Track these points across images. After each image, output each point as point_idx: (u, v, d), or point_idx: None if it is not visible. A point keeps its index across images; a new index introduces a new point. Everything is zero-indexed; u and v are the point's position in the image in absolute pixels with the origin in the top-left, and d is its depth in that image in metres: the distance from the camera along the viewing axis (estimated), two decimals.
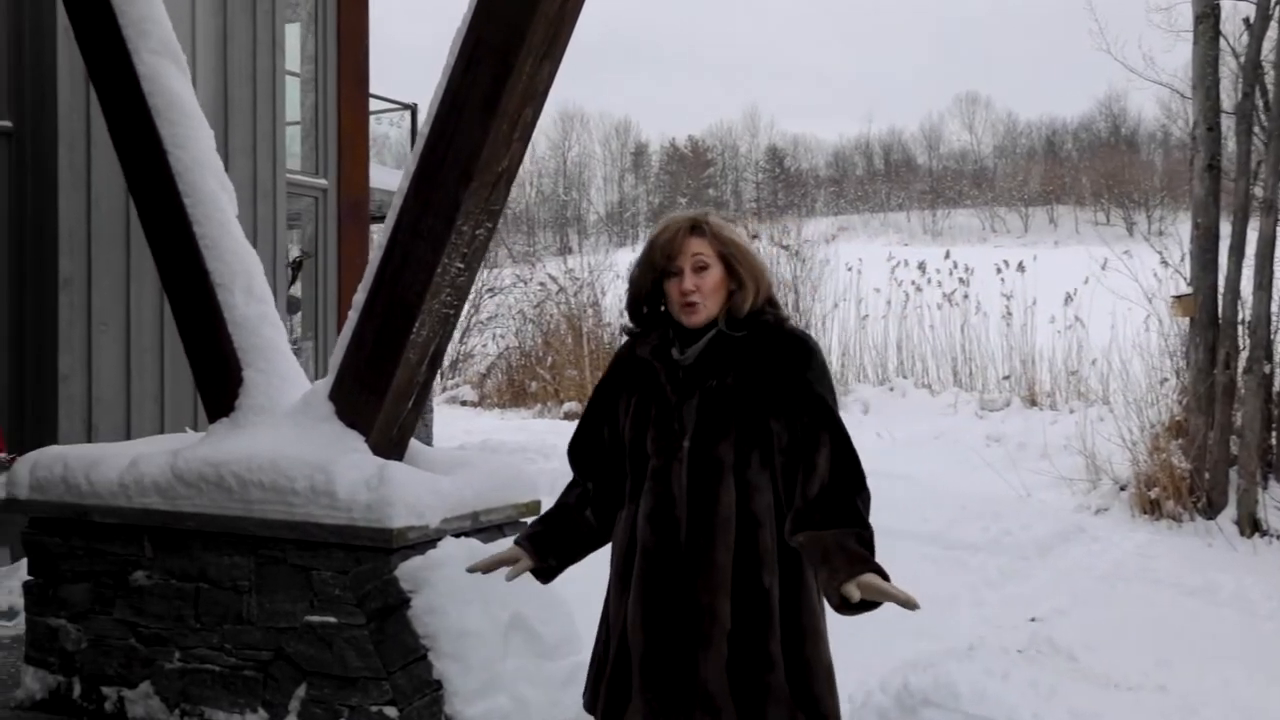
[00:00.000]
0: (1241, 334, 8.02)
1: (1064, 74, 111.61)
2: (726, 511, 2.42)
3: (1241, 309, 8.06)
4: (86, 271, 7.42)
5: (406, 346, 3.75)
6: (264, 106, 8.73)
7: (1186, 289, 8.43)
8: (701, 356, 2.49)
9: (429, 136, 3.65)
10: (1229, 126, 8.34)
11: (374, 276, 3.83)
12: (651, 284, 2.54)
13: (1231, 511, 7.77)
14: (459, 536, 3.78)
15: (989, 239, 56.66)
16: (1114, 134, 72.82)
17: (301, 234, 10.14)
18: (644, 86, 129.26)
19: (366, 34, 10.41)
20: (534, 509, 4.13)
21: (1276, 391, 7.97)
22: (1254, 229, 8.00)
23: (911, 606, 2.21)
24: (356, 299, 3.89)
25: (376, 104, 12.14)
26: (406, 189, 3.72)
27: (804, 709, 2.40)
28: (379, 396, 3.81)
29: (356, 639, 3.59)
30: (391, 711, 3.54)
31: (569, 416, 16.04)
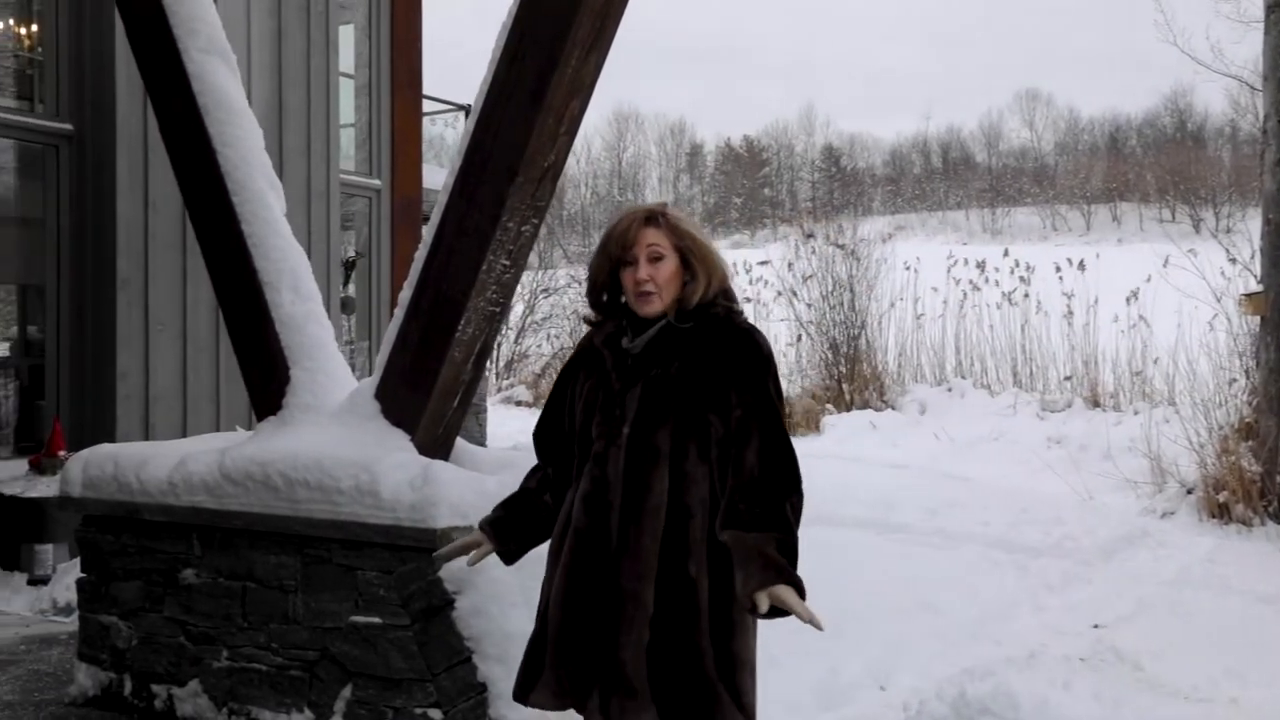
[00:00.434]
0: None
1: (1128, 68, 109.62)
2: (657, 500, 2.45)
3: None
4: (144, 272, 7.51)
5: (452, 344, 3.71)
6: (318, 108, 8.78)
7: (1256, 286, 8.19)
8: (649, 346, 2.54)
9: (474, 132, 3.60)
10: None
11: (419, 274, 3.80)
12: (608, 273, 2.59)
13: None
14: None
15: (1050, 237, 55.78)
16: (1180, 129, 71.34)
17: (356, 235, 10.19)
18: (699, 87, 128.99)
19: (420, 35, 10.45)
20: None
21: None
22: None
23: (816, 626, 2.27)
24: (402, 297, 3.86)
25: (431, 105, 12.20)
26: (452, 185, 3.67)
27: (733, 698, 2.41)
28: (424, 395, 3.77)
29: (401, 640, 3.55)
30: (436, 714, 3.50)
31: None
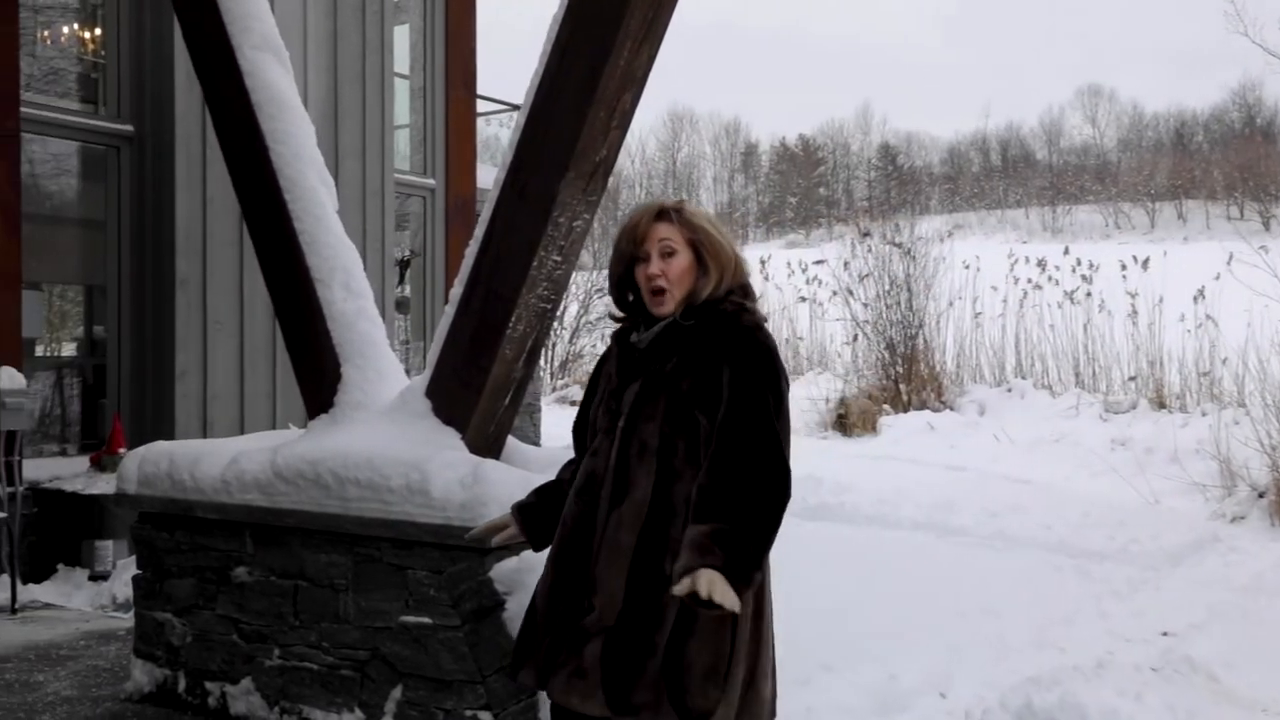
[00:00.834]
0: None
1: (1194, 62, 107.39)
2: (641, 495, 2.44)
3: None
4: (202, 271, 7.58)
5: (503, 341, 3.66)
6: (373, 108, 8.82)
7: None
8: (654, 342, 2.54)
9: (524, 127, 3.55)
10: None
11: (470, 270, 3.75)
12: (624, 271, 2.58)
13: None
14: None
15: (1113, 235, 54.79)
16: (1249, 124, 69.66)
17: (411, 235, 10.23)
18: (754, 86, 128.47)
19: (474, 35, 10.48)
20: None
21: None
22: None
23: (730, 611, 2.23)
24: (453, 293, 3.82)
25: (485, 106, 12.23)
26: (503, 180, 3.62)
27: (672, 700, 2.37)
28: (475, 393, 3.73)
29: (451, 641, 3.51)
30: (486, 716, 3.45)
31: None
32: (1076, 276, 14.68)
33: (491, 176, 3.78)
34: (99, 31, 7.53)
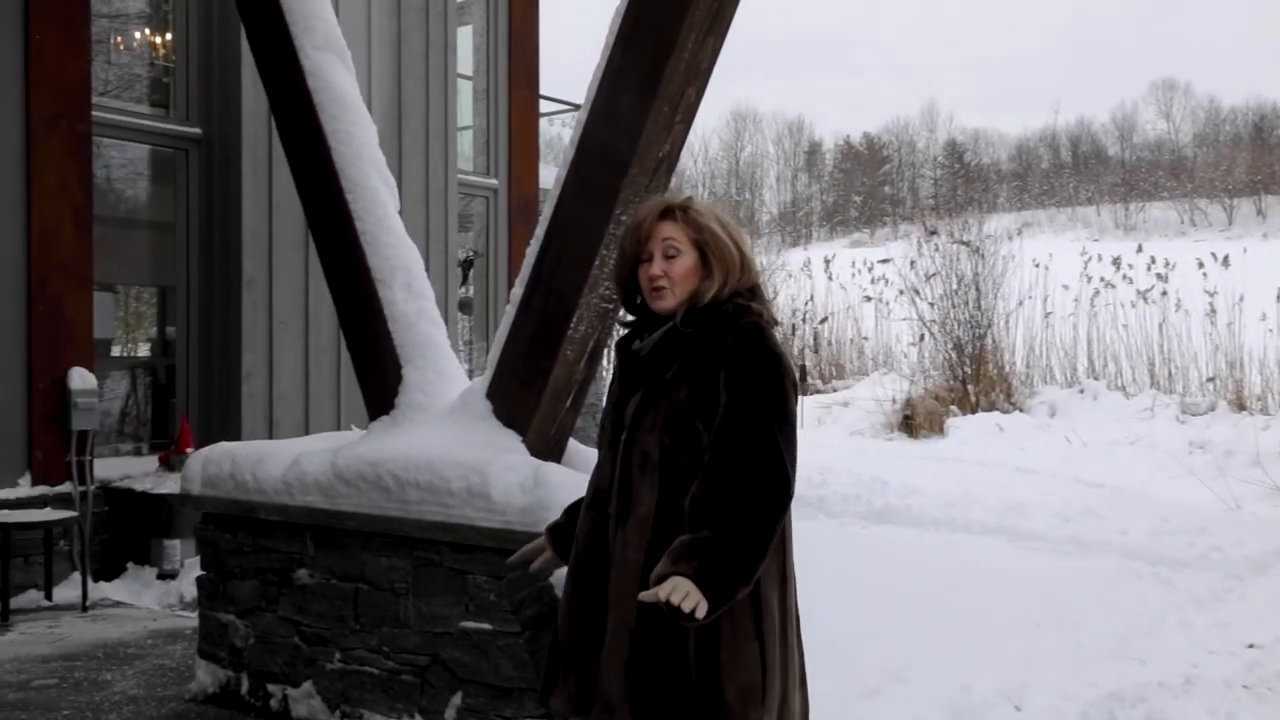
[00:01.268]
0: None
1: (1274, 54, 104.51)
2: (645, 509, 2.35)
3: None
4: (268, 272, 7.63)
5: (564, 343, 3.60)
6: (436, 108, 8.83)
7: None
8: (655, 349, 2.43)
9: (585, 123, 3.48)
10: None
11: (531, 270, 3.69)
12: (629, 271, 2.47)
13: None
14: None
15: (1188, 233, 53.45)
16: None
17: (474, 235, 10.24)
18: (818, 84, 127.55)
19: (537, 35, 10.46)
20: None
21: None
22: None
23: (690, 621, 2.13)
24: (514, 294, 3.76)
25: (547, 105, 12.20)
26: (564, 178, 3.56)
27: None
28: (536, 395, 3.67)
29: (511, 647, 3.45)
30: None
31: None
32: (1151, 275, 14.32)
33: (554, 176, 3.71)
34: (169, 36, 7.62)
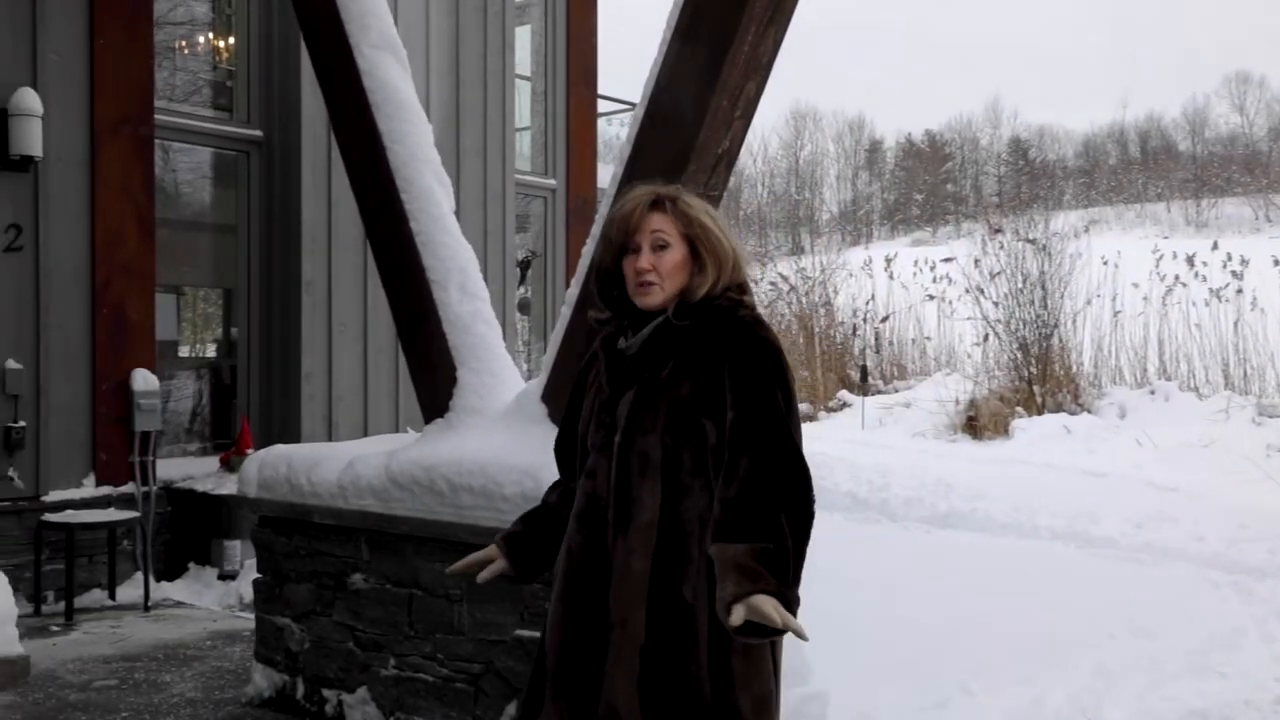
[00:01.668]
0: None
1: None
2: (649, 515, 2.22)
3: None
4: (327, 274, 7.65)
5: None
6: (494, 108, 8.80)
7: None
8: (644, 346, 2.31)
9: (642, 119, 3.40)
10: None
11: (587, 269, 3.61)
12: (612, 262, 2.34)
13: None
14: None
15: (1263, 229, 52.00)
16: None
17: (532, 236, 10.21)
18: (879, 81, 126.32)
19: (595, 34, 10.40)
20: None
21: None
22: None
23: (800, 636, 2.03)
24: (569, 294, 3.69)
25: (605, 105, 12.15)
26: (620, 175, 3.48)
27: None
28: None
29: None
30: None
31: (801, 419, 15.60)
32: (1225, 272, 13.91)
33: (611, 176, 3.63)
34: (232, 41, 7.68)
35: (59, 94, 6.31)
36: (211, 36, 7.80)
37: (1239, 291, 13.56)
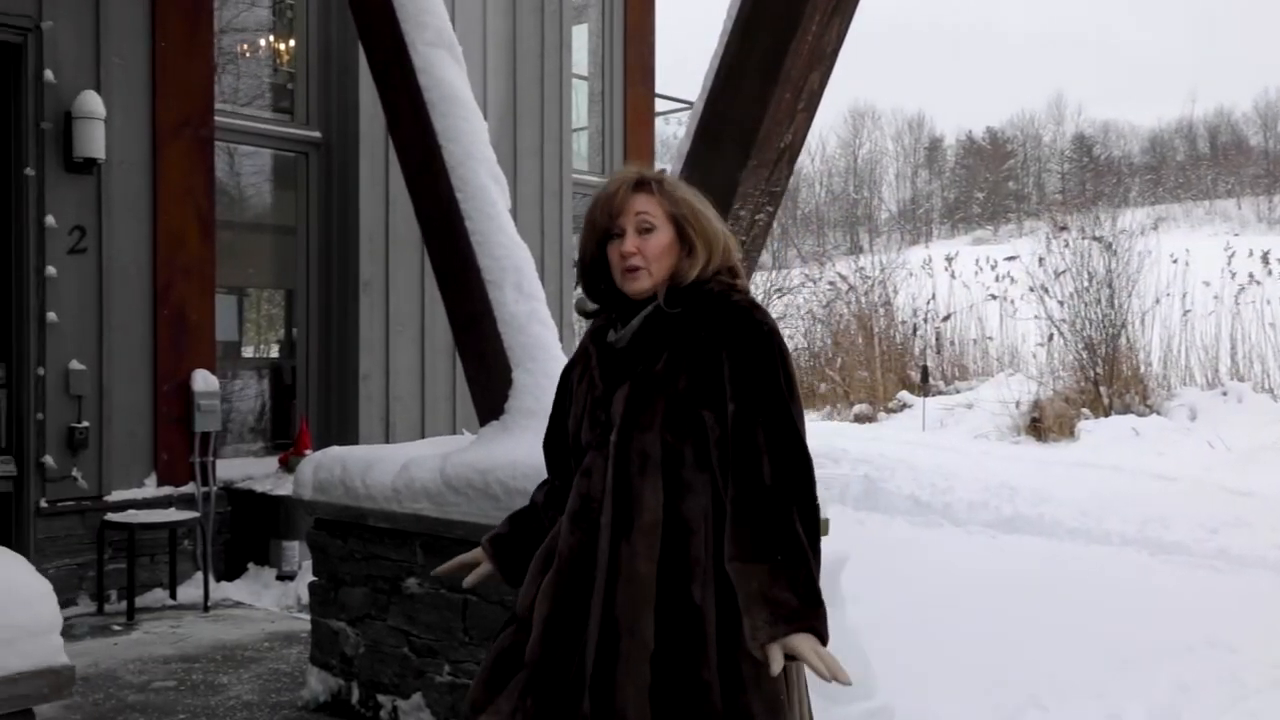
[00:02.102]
0: None
1: None
2: (652, 515, 2.11)
3: None
4: (384, 274, 7.65)
5: None
6: (551, 107, 8.76)
7: None
8: (636, 337, 2.19)
9: (702, 113, 3.30)
10: None
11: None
12: (596, 248, 2.22)
13: None
14: None
15: None
16: None
17: None
18: (939, 81, 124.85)
19: (653, 33, 10.33)
20: None
21: None
22: None
23: (841, 682, 1.94)
24: None
25: (663, 104, 12.07)
26: (679, 171, 3.39)
27: None
28: None
29: None
30: None
31: (859, 419, 15.42)
32: None
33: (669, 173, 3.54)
34: (292, 43, 7.71)
35: (121, 97, 6.37)
36: (272, 39, 7.84)
37: None
